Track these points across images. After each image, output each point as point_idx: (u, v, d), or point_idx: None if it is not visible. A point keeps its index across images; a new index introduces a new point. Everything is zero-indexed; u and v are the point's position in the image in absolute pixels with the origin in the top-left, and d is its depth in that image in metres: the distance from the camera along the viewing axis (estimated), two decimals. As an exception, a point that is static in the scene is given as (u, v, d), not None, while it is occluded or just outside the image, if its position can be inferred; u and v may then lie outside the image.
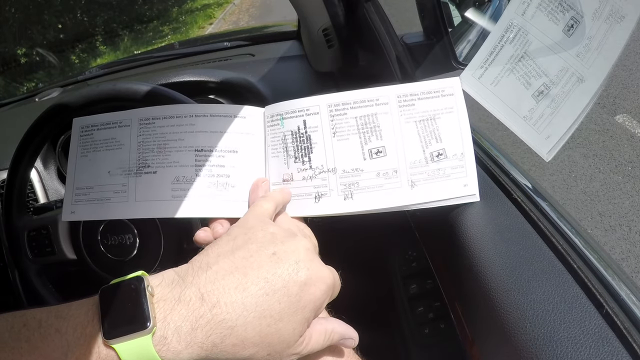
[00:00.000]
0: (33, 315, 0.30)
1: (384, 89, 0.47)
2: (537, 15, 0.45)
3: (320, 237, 0.45)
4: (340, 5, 0.85)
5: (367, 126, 0.46)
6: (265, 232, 0.37)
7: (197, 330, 0.30)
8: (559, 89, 0.45)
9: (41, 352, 0.29)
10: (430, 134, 0.46)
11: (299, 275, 0.34)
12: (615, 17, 0.42)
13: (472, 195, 0.46)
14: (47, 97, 1.26)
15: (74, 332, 0.29)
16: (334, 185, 0.46)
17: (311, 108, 0.47)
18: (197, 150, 0.48)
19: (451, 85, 0.47)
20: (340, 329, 0.37)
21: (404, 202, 0.45)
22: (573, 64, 0.44)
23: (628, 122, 2.31)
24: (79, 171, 0.50)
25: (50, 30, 5.99)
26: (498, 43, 0.48)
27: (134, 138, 0.49)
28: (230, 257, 0.35)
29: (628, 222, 1.79)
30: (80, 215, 0.49)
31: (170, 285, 0.33)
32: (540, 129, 0.47)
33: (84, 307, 0.31)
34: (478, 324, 0.43)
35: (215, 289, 0.32)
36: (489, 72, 0.48)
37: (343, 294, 0.39)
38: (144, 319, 0.30)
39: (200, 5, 8.45)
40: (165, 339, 0.30)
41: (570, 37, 0.44)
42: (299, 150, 0.47)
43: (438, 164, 0.45)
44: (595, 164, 2.10)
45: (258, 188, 0.46)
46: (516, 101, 0.47)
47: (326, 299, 0.36)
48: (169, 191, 0.47)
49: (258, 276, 0.33)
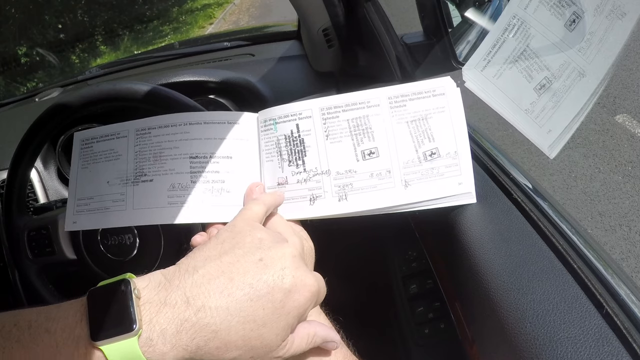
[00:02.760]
0: (24, 316, 0.31)
1: (375, 91, 0.47)
2: (540, 9, 0.46)
3: (320, 238, 0.45)
4: (340, 5, 0.85)
5: (359, 128, 0.47)
6: (252, 237, 0.38)
7: (182, 333, 0.31)
8: (561, 83, 0.46)
9: (31, 353, 0.29)
10: (422, 134, 0.46)
11: (284, 282, 0.35)
12: (617, 14, 0.42)
13: (468, 193, 0.46)
14: (47, 97, 1.26)
15: (62, 332, 0.30)
16: (328, 187, 0.46)
17: (304, 112, 0.48)
18: (192, 158, 0.49)
19: (442, 85, 0.47)
20: (322, 332, 0.38)
21: (398, 202, 0.46)
22: (574, 59, 0.45)
23: (628, 122, 2.31)
24: (80, 182, 0.52)
25: (50, 30, 5.99)
26: (501, 36, 0.48)
27: (131, 148, 0.50)
28: (216, 262, 0.35)
29: (628, 222, 1.79)
30: (82, 225, 0.50)
31: (156, 288, 0.33)
32: (542, 122, 0.47)
33: (72, 308, 0.32)
34: (478, 324, 0.43)
35: (201, 293, 0.33)
36: (491, 64, 0.49)
37: (343, 294, 0.39)
38: (130, 321, 0.30)
39: (200, 5, 8.45)
40: (151, 341, 0.30)
41: (572, 32, 0.45)
42: (292, 153, 0.48)
43: (431, 163, 0.46)
44: (595, 164, 2.10)
45: (253, 192, 0.47)
46: (518, 94, 0.48)
47: (310, 305, 0.36)
48: (166, 198, 0.48)
49: (243, 282, 0.34)
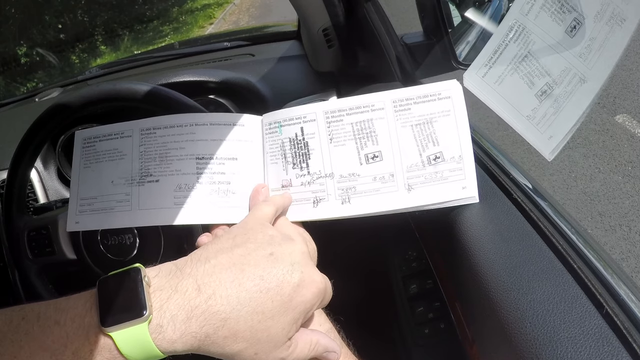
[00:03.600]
0: (31, 308, 0.31)
1: (380, 94, 0.47)
2: (541, 15, 0.46)
3: (320, 239, 0.45)
4: (340, 5, 0.85)
5: (363, 132, 0.47)
6: (264, 234, 0.38)
7: (191, 320, 0.31)
8: (562, 89, 0.46)
9: (40, 344, 0.29)
10: (427, 138, 0.46)
11: (293, 276, 0.35)
12: (617, 20, 0.42)
13: (471, 197, 0.46)
14: (47, 97, 1.26)
15: (72, 323, 0.30)
16: (332, 190, 0.46)
17: (308, 115, 0.48)
18: (198, 158, 0.49)
19: (448, 88, 0.47)
20: (324, 342, 0.38)
21: (400, 206, 0.46)
22: (575, 65, 0.45)
23: (628, 122, 2.31)
24: (82, 182, 0.51)
25: (50, 30, 5.99)
26: (502, 42, 0.48)
27: (135, 148, 0.50)
28: (228, 253, 0.35)
29: (628, 222, 1.79)
30: (85, 225, 0.50)
31: (167, 275, 0.33)
32: (543, 128, 0.47)
33: (82, 298, 0.32)
34: (478, 324, 0.43)
35: (212, 281, 0.33)
36: (493, 70, 0.49)
37: (343, 294, 0.39)
38: (141, 307, 0.30)
39: (200, 5, 8.45)
40: (161, 327, 0.31)
41: (573, 38, 0.45)
42: (297, 156, 0.48)
43: (435, 167, 0.46)
44: (595, 164, 2.10)
45: (258, 194, 0.48)
46: (519, 100, 0.48)
47: (316, 302, 0.37)
48: (172, 199, 0.48)
49: (254, 273, 0.34)
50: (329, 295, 0.39)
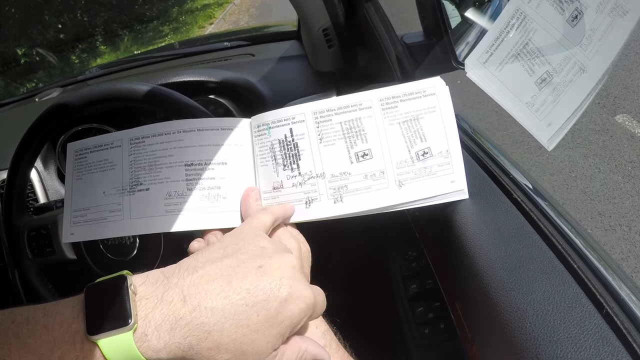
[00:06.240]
0: (21, 312, 0.31)
1: (367, 93, 0.48)
2: (543, 4, 0.46)
3: (320, 239, 0.45)
4: (340, 5, 0.85)
5: (352, 130, 0.47)
6: (255, 245, 0.38)
7: (175, 331, 0.31)
8: (562, 77, 0.46)
9: (29, 348, 0.29)
10: (414, 134, 0.47)
11: (281, 291, 0.35)
12: (619, 11, 0.43)
13: (460, 190, 0.47)
14: (47, 97, 1.26)
15: (59, 328, 0.30)
16: (324, 189, 0.47)
17: (297, 116, 0.48)
18: (187, 165, 0.49)
19: (432, 85, 0.47)
20: (313, 349, 0.38)
21: (392, 202, 0.46)
22: (575, 54, 0.45)
23: (628, 122, 2.31)
24: (75, 194, 0.51)
25: (50, 30, 5.99)
26: (504, 29, 0.48)
27: (125, 158, 0.50)
28: (217, 264, 0.35)
29: (628, 222, 1.79)
30: (80, 236, 0.50)
31: (154, 284, 0.33)
32: (542, 116, 0.47)
33: (70, 304, 0.32)
34: (478, 324, 0.43)
35: (198, 292, 0.33)
36: (494, 56, 0.49)
37: (344, 294, 0.39)
38: (126, 315, 0.30)
39: (200, 5, 8.45)
40: (146, 336, 0.31)
41: (574, 28, 0.45)
42: (287, 157, 0.48)
43: (424, 162, 0.46)
44: (595, 164, 2.10)
45: (249, 197, 0.48)
46: (519, 87, 0.48)
47: (304, 317, 0.36)
48: (162, 207, 0.48)
49: (241, 286, 0.34)
50: (320, 309, 0.38)
